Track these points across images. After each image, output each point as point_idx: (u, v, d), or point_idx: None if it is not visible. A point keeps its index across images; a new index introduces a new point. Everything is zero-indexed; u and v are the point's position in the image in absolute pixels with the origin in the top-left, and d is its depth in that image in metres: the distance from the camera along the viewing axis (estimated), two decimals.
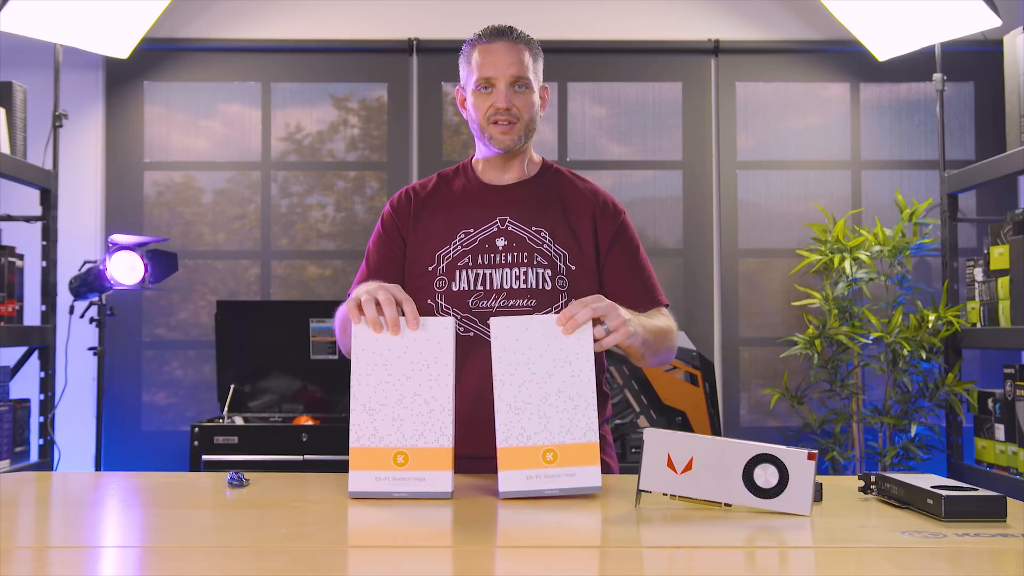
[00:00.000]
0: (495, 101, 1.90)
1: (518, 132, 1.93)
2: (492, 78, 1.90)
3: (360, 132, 4.29)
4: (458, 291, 1.91)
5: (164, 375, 4.21)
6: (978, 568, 1.17)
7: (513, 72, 1.90)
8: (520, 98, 1.92)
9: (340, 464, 1.75)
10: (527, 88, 1.92)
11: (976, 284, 3.44)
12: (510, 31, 1.94)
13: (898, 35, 3.76)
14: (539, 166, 2.03)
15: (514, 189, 1.98)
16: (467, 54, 1.96)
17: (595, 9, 4.26)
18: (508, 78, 1.90)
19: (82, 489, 1.77)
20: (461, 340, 1.86)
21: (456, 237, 1.93)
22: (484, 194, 1.98)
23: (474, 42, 1.95)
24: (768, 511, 1.40)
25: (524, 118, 1.92)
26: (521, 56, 1.92)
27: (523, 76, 1.91)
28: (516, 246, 1.92)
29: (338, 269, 4.26)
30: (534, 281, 1.91)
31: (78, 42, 3.64)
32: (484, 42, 1.93)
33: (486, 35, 1.94)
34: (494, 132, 1.92)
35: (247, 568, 1.16)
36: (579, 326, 1.55)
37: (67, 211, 3.95)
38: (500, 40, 1.92)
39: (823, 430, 3.79)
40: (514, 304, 1.89)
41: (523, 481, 1.50)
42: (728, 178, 4.24)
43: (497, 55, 1.91)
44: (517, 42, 1.92)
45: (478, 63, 1.92)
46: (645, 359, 1.83)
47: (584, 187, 2.02)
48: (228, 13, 4.23)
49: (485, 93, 1.92)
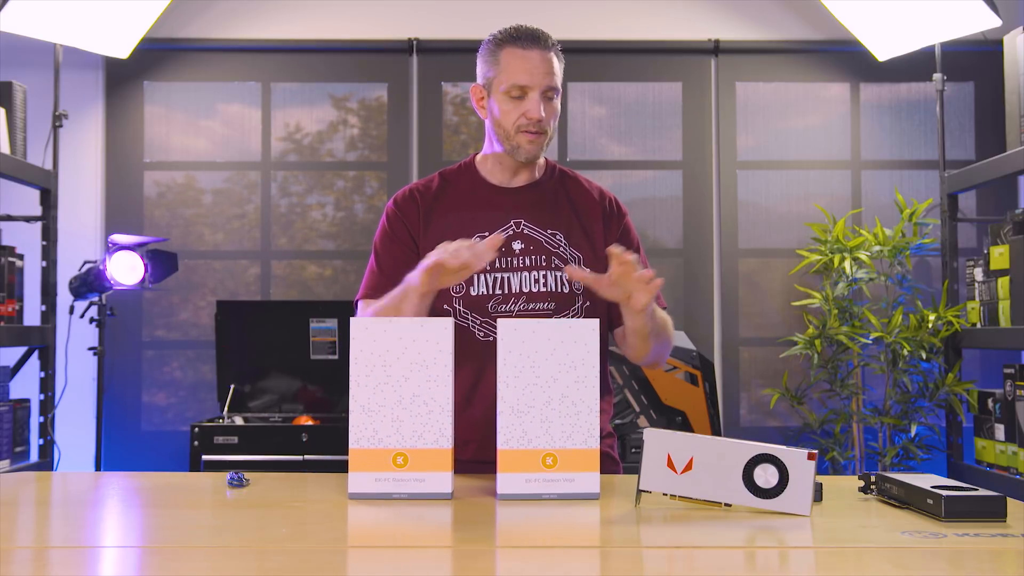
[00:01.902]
0: (528, 111, 1.85)
1: (544, 143, 1.90)
2: (527, 87, 1.85)
3: (360, 132, 4.29)
4: (477, 295, 1.89)
5: (164, 375, 4.20)
6: (978, 568, 1.17)
7: (548, 83, 1.86)
8: (549, 108, 1.88)
9: (340, 464, 1.75)
10: (556, 97, 1.89)
11: (976, 284, 3.44)
12: (544, 38, 1.88)
13: (898, 35, 3.76)
14: (544, 167, 2.01)
15: (525, 191, 1.96)
16: (493, 53, 1.89)
17: (595, 9, 4.26)
18: (543, 87, 1.86)
19: (82, 489, 1.77)
20: (481, 345, 1.86)
21: (472, 240, 1.92)
22: (495, 196, 1.95)
23: (502, 42, 1.88)
24: (768, 511, 1.40)
25: (551, 128, 1.90)
26: (553, 64, 1.87)
27: (555, 86, 1.88)
28: (533, 249, 1.91)
29: (338, 269, 4.26)
30: (553, 284, 1.90)
31: (78, 42, 3.64)
32: (518, 47, 1.86)
33: (520, 38, 1.87)
34: (522, 142, 1.88)
35: (247, 568, 1.16)
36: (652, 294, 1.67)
37: (67, 211, 3.95)
38: (536, 47, 1.86)
39: (823, 430, 3.79)
40: (534, 307, 1.88)
41: (522, 484, 1.50)
42: (728, 178, 4.24)
43: (534, 63, 1.85)
44: (550, 50, 1.88)
45: (510, 67, 1.86)
46: (648, 342, 1.83)
47: (590, 187, 2.02)
48: (228, 13, 4.23)
49: (517, 100, 1.86)
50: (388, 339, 1.53)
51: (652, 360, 1.95)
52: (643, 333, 1.81)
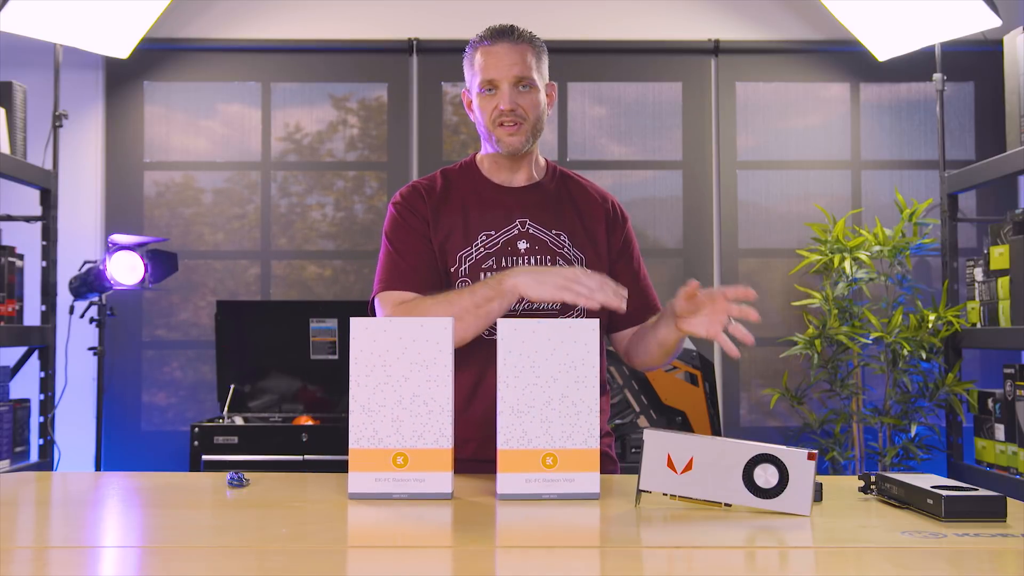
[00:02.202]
0: (499, 103, 1.88)
1: (525, 133, 1.90)
2: (495, 80, 1.88)
3: (359, 132, 4.29)
4: None
5: (164, 375, 4.20)
6: (978, 568, 1.17)
7: (516, 72, 1.88)
8: (525, 98, 1.89)
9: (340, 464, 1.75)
10: (532, 87, 1.90)
11: (976, 284, 3.44)
12: (511, 31, 1.91)
13: (898, 35, 3.76)
14: (545, 168, 2.02)
15: (528, 192, 1.97)
16: (470, 56, 1.93)
17: (595, 9, 4.26)
18: (511, 79, 1.88)
19: (82, 489, 1.77)
20: (485, 344, 1.85)
21: (477, 239, 1.91)
22: (499, 195, 1.96)
23: (476, 44, 1.92)
24: (768, 511, 1.40)
25: (530, 118, 1.90)
26: (524, 55, 1.89)
27: (526, 76, 1.89)
28: (538, 249, 1.92)
29: (338, 269, 4.26)
30: None
31: (78, 42, 3.64)
32: (486, 44, 1.90)
33: (488, 36, 1.91)
34: (501, 134, 1.90)
35: (247, 568, 1.16)
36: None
37: (67, 211, 3.95)
38: (502, 41, 1.89)
39: (823, 430, 3.79)
40: (537, 307, 1.88)
41: (521, 484, 1.50)
42: (728, 178, 4.24)
43: (499, 56, 1.88)
44: (519, 41, 1.90)
45: (481, 65, 1.89)
46: (669, 354, 1.93)
47: (592, 190, 2.03)
48: (228, 13, 4.23)
49: (489, 95, 1.89)
50: (388, 339, 1.52)
51: (655, 368, 2.01)
52: (668, 347, 1.88)
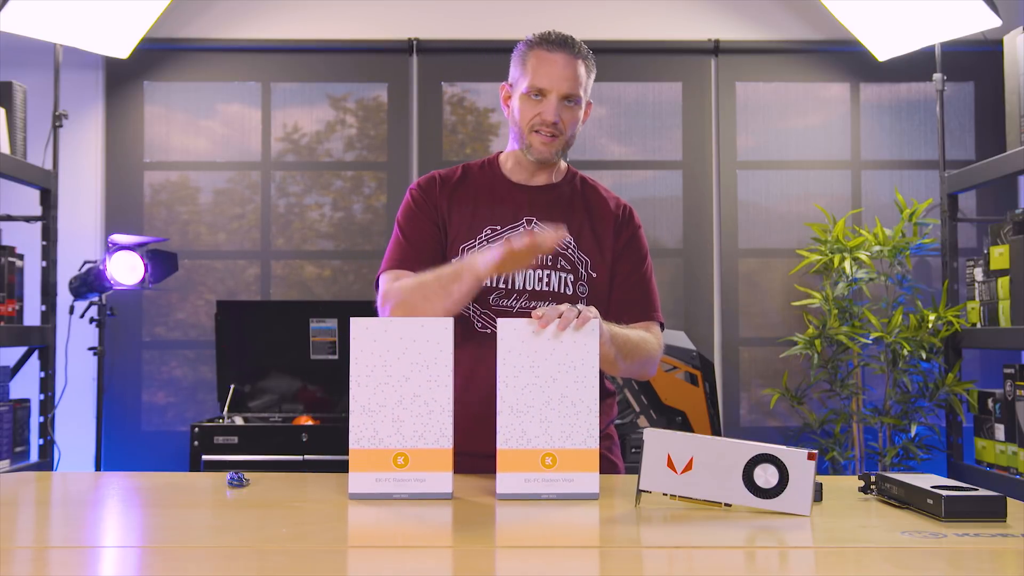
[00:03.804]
0: (543, 113, 1.87)
1: (558, 146, 1.91)
2: (545, 89, 1.87)
3: (358, 132, 4.29)
4: (481, 286, 1.88)
5: (164, 375, 4.20)
6: (978, 568, 1.17)
7: (567, 88, 1.87)
8: (568, 113, 1.89)
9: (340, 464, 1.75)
10: (576, 104, 1.90)
11: (976, 284, 3.44)
12: (572, 43, 1.90)
13: (898, 35, 3.76)
14: (565, 172, 2.02)
15: (542, 191, 1.97)
16: (522, 54, 1.92)
17: (595, 9, 4.26)
18: (562, 92, 1.87)
19: (82, 489, 1.77)
20: (478, 336, 1.86)
21: (482, 232, 1.91)
22: (511, 192, 1.96)
23: (532, 44, 1.91)
24: (768, 511, 1.40)
25: (567, 133, 1.90)
26: (577, 71, 1.89)
27: (575, 93, 1.88)
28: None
29: (337, 269, 4.26)
30: (556, 284, 1.90)
31: (78, 42, 3.64)
32: (544, 49, 1.89)
33: (547, 41, 1.90)
34: (534, 141, 1.90)
35: (247, 568, 1.16)
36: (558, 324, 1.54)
37: (67, 211, 3.95)
38: (561, 51, 1.88)
39: (823, 430, 3.79)
40: (535, 305, 1.87)
41: (521, 484, 1.50)
42: (728, 178, 4.24)
43: (555, 66, 1.87)
44: (576, 56, 1.89)
45: (534, 69, 1.88)
46: (615, 365, 1.78)
47: (608, 197, 2.02)
48: (228, 13, 4.23)
49: (535, 101, 1.89)
50: (388, 339, 1.53)
51: (629, 376, 1.94)
52: (607, 359, 1.74)
